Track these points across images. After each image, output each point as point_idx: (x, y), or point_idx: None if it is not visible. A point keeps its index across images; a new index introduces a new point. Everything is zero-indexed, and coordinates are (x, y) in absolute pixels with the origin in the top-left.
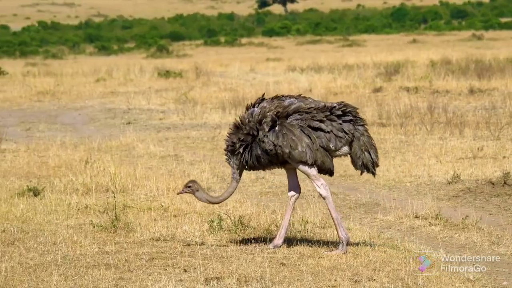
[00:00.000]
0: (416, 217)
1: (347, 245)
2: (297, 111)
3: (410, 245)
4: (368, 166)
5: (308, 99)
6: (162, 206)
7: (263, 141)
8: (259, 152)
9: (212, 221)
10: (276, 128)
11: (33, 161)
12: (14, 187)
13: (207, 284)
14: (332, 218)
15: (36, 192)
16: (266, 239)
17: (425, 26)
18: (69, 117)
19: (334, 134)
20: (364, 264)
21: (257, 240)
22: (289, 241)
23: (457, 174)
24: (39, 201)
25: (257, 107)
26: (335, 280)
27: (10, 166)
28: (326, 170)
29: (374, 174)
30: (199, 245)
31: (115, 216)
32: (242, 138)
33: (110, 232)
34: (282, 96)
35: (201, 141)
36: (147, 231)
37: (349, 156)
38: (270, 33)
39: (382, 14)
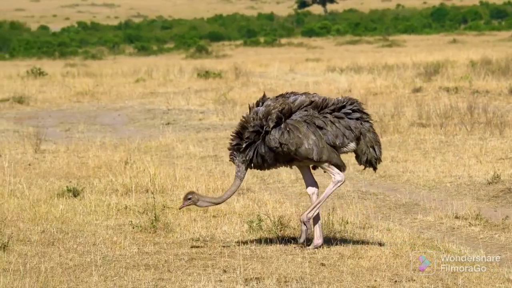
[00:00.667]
0: (456, 217)
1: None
2: (302, 107)
3: (450, 246)
4: (372, 162)
5: (314, 95)
6: None
7: (269, 139)
8: (264, 150)
9: (252, 222)
10: (282, 125)
11: (73, 162)
12: (53, 187)
13: (246, 285)
14: (318, 201)
15: (75, 193)
16: (307, 240)
17: (465, 26)
18: (108, 118)
19: (341, 131)
20: (404, 265)
21: (296, 240)
22: (329, 242)
23: (497, 175)
24: (79, 201)
25: (261, 106)
26: (375, 281)
27: (50, 167)
28: (335, 165)
29: (375, 169)
30: (239, 245)
31: (155, 217)
32: (247, 136)
33: (150, 232)
34: (287, 93)
35: None
36: (186, 232)
37: (353, 152)
38: (309, 33)
39: (421, 14)
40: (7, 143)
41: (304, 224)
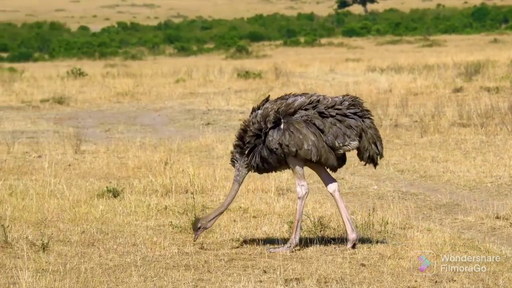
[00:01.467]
0: (497, 217)
1: (293, 247)
2: (301, 107)
3: (491, 246)
4: (374, 158)
5: (313, 95)
6: (241, 207)
7: (269, 141)
8: (266, 153)
9: (292, 222)
10: (282, 126)
11: (113, 162)
12: (93, 188)
13: (286, 285)
14: (296, 219)
15: (115, 193)
16: (346, 240)
17: (506, 26)
18: (148, 118)
19: (342, 131)
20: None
21: (336, 241)
22: (369, 242)
23: None
24: (119, 202)
25: (261, 109)
26: (415, 281)
27: (90, 167)
28: (330, 167)
29: (376, 165)
30: (279, 246)
31: (195, 217)
32: (248, 141)
33: (190, 233)
34: (286, 95)
35: None
36: (226, 232)
37: (356, 149)
38: (350, 33)
39: (462, 14)
40: (47, 143)
41: (291, 241)
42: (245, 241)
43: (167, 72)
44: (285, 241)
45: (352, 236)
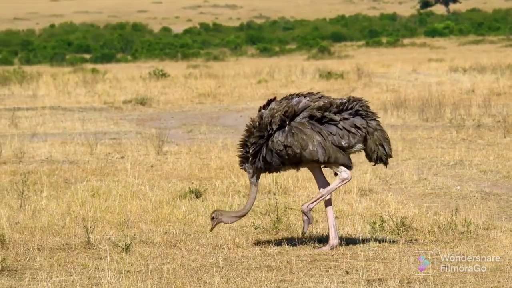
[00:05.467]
0: None
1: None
2: (305, 109)
3: None
4: (382, 158)
5: (317, 95)
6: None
7: (273, 142)
8: (269, 154)
9: (374, 223)
10: (286, 128)
11: (195, 163)
12: (176, 189)
13: (369, 286)
14: (330, 190)
15: (198, 194)
16: (429, 241)
17: None
18: (230, 119)
19: (347, 131)
20: None
21: (419, 241)
22: (452, 243)
23: None
24: (201, 203)
25: (266, 109)
26: (498, 282)
27: (172, 168)
28: (343, 165)
29: (386, 165)
30: (361, 246)
31: (277, 218)
32: (253, 142)
33: (272, 234)
34: (290, 95)
35: None
36: (308, 233)
37: (363, 151)
38: (432, 33)
39: None
40: (129, 144)
41: (305, 215)
42: (327, 242)
43: (249, 73)
44: (433, 242)
45: (333, 241)
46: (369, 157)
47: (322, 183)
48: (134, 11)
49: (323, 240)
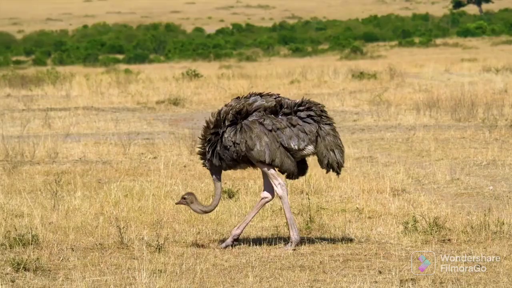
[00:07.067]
0: None
1: (296, 245)
2: (258, 109)
3: None
4: (333, 165)
5: (272, 96)
6: (357, 208)
7: (224, 138)
8: (221, 150)
9: (407, 223)
10: (237, 126)
11: None
12: (209, 189)
13: (402, 286)
14: (286, 218)
15: (230, 194)
16: (462, 241)
17: None
18: None
19: (295, 133)
20: None
21: (452, 241)
22: (485, 243)
23: None
24: (234, 203)
25: (225, 107)
26: None
27: (205, 169)
28: (286, 171)
29: (338, 173)
30: (394, 246)
31: (310, 218)
32: (208, 138)
33: (305, 233)
34: (250, 94)
35: (396, 142)
36: (341, 233)
37: (315, 155)
38: (465, 33)
39: None
40: (162, 145)
41: (292, 239)
42: (360, 242)
43: (282, 73)
44: (466, 242)
45: (236, 231)
46: (320, 162)
47: (268, 187)
48: (167, 11)
49: (354, 240)
